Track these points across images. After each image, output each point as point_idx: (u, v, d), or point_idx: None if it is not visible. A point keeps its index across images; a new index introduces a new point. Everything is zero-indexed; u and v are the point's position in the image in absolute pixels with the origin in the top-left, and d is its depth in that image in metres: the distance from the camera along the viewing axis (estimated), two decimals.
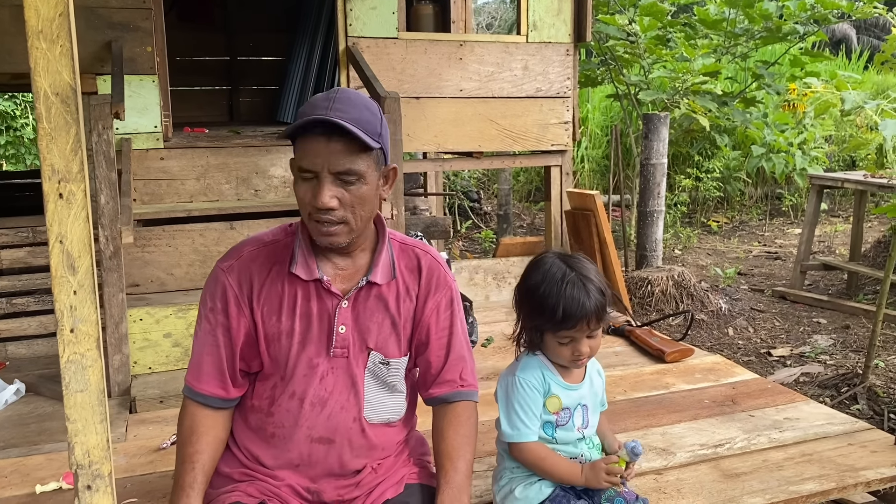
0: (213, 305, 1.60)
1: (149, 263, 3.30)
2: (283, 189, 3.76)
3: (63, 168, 1.32)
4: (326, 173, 1.46)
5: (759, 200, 8.63)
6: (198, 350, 1.63)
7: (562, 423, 1.77)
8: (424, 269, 1.68)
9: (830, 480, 2.11)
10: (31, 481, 2.19)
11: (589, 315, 1.65)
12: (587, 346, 1.71)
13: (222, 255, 1.66)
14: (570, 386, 1.78)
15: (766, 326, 4.79)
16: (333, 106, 1.46)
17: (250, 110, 6.41)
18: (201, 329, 1.63)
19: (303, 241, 1.59)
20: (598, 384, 1.85)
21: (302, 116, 1.48)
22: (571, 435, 1.78)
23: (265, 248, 1.62)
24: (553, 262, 1.72)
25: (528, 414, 1.73)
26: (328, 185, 1.47)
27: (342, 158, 1.46)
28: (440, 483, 1.60)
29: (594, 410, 1.84)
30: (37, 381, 2.98)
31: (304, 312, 1.59)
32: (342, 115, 1.45)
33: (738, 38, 6.70)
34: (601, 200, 4.19)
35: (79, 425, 1.38)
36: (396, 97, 3.15)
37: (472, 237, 7.68)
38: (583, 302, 1.65)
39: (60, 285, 1.35)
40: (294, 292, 1.58)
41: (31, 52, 1.28)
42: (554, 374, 1.78)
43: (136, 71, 3.42)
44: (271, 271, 1.59)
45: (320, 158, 1.46)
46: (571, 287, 1.66)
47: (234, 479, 1.64)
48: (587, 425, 1.81)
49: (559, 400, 1.76)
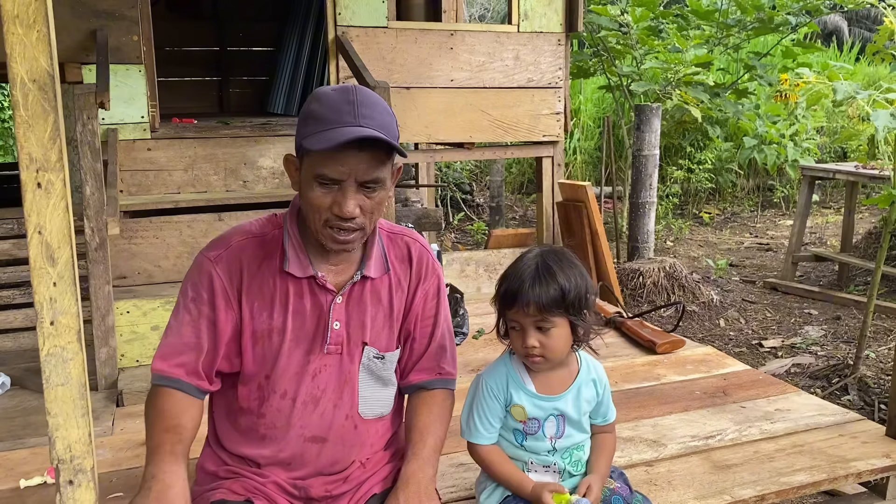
0: (196, 296, 1.52)
1: (136, 255, 3.27)
2: (271, 180, 3.73)
3: (41, 157, 1.29)
4: (352, 182, 1.41)
5: (750, 192, 8.63)
6: (174, 339, 1.53)
7: (530, 433, 1.69)
8: (415, 258, 1.66)
9: (822, 472, 2.10)
10: (16, 476, 2.16)
11: (526, 298, 1.54)
12: (534, 339, 1.58)
13: (206, 244, 1.60)
14: (540, 396, 1.67)
15: (757, 317, 4.79)
16: (360, 112, 1.40)
17: (240, 101, 6.36)
18: (179, 318, 1.53)
19: (292, 236, 1.54)
20: (589, 397, 1.71)
21: (323, 120, 1.40)
22: (542, 445, 1.69)
23: (254, 239, 1.55)
24: (533, 251, 1.65)
25: (483, 419, 1.68)
26: (353, 194, 1.42)
27: (371, 168, 1.41)
28: (408, 455, 1.60)
29: (577, 424, 1.71)
30: (22, 374, 2.95)
31: (298, 309, 1.54)
32: (370, 121, 1.39)
33: (731, 29, 6.69)
34: (593, 192, 4.17)
35: (60, 419, 1.35)
36: (386, 87, 3.12)
37: (465, 229, 7.66)
38: (525, 283, 1.55)
39: (40, 277, 1.31)
40: (286, 288, 1.54)
41: (7, 37, 1.25)
42: (522, 381, 1.68)
43: (122, 60, 3.37)
44: (261, 265, 1.53)
45: (347, 168, 1.40)
46: (525, 270, 1.58)
47: (220, 477, 1.61)
48: (561, 436, 1.70)
49: (523, 409, 1.67)
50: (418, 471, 1.57)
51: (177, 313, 1.54)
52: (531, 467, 1.72)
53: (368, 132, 1.37)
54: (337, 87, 1.48)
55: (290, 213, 1.57)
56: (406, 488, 1.54)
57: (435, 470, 1.61)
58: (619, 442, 2.28)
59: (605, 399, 1.75)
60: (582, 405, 1.70)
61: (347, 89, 1.46)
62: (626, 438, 2.33)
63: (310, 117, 1.43)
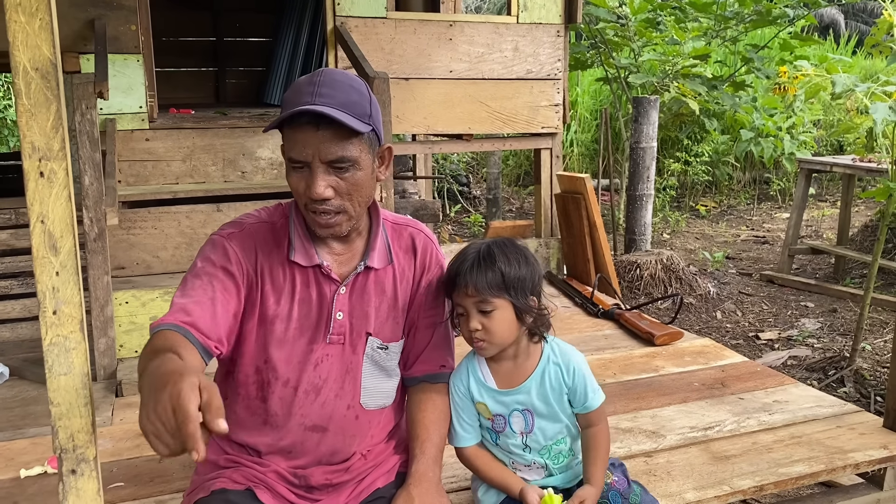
0: (205, 265, 1.46)
1: (134, 246, 3.26)
2: (270, 171, 3.72)
3: (44, 146, 1.28)
4: (318, 163, 1.40)
5: (747, 185, 8.65)
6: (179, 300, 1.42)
7: (499, 430, 1.68)
8: (419, 249, 1.66)
9: (819, 462, 2.11)
10: (16, 465, 2.16)
11: (465, 280, 1.54)
12: (476, 322, 1.56)
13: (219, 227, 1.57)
14: (500, 391, 1.66)
15: (754, 310, 4.80)
16: (318, 91, 1.39)
17: (237, 92, 6.34)
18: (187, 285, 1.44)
19: (297, 225, 1.54)
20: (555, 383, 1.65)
21: (287, 103, 1.41)
22: (513, 442, 1.67)
23: (264, 224, 1.56)
24: (481, 241, 1.64)
25: (461, 420, 1.68)
26: (321, 175, 1.41)
27: (332, 146, 1.40)
28: (416, 452, 1.60)
29: (548, 415, 1.66)
30: (21, 364, 2.94)
31: (304, 298, 1.54)
32: (328, 100, 1.38)
33: (729, 22, 6.68)
34: (591, 183, 4.17)
35: (63, 409, 1.35)
36: (385, 77, 3.11)
37: (461, 221, 7.66)
38: (465, 266, 1.55)
39: (42, 266, 1.31)
40: (293, 276, 1.54)
41: (10, 25, 1.24)
42: (483, 377, 1.67)
43: (120, 50, 3.35)
44: (272, 251, 1.53)
45: (310, 148, 1.39)
46: (468, 255, 1.58)
47: (220, 466, 1.61)
48: (531, 430, 1.66)
49: (486, 407, 1.67)
50: (428, 469, 1.57)
51: (183, 284, 1.47)
52: (515, 465, 1.71)
53: (313, 108, 1.36)
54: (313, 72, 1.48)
55: (295, 202, 1.57)
56: (419, 485, 1.55)
57: (440, 469, 1.62)
58: (619, 433, 2.29)
59: (578, 384, 1.65)
60: (548, 393, 1.64)
61: (316, 72, 1.46)
62: (625, 429, 2.34)
63: (283, 103, 1.45)
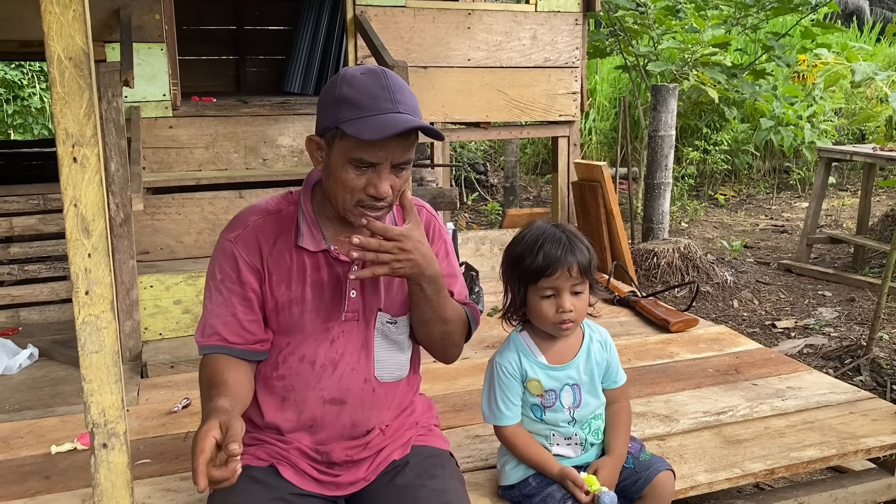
0: (224, 277, 1.59)
1: (158, 231, 3.33)
2: (290, 158, 3.77)
3: (77, 132, 1.33)
4: (388, 164, 1.47)
5: (767, 174, 8.59)
6: (210, 318, 1.60)
7: (548, 406, 1.74)
8: (423, 223, 1.71)
9: (831, 447, 2.14)
10: (46, 442, 2.24)
11: (570, 262, 1.63)
12: (570, 303, 1.65)
13: (225, 226, 1.66)
14: (552, 367, 1.74)
15: (771, 299, 4.80)
16: (395, 98, 1.45)
17: (257, 80, 6.39)
18: (213, 300, 1.60)
19: (306, 212, 1.61)
20: (599, 358, 1.77)
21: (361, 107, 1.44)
22: (561, 416, 1.75)
23: (270, 217, 1.62)
24: (540, 223, 1.73)
25: (505, 401, 1.74)
26: (387, 175, 1.48)
27: (406, 152, 1.48)
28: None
29: (591, 390, 1.77)
30: (49, 345, 3.03)
31: (316, 280, 1.61)
32: (405, 107, 1.46)
33: (749, 9, 6.63)
34: (608, 172, 4.18)
35: (94, 385, 1.41)
36: (404, 66, 3.15)
37: (479, 209, 7.68)
38: (565, 249, 1.64)
39: (75, 248, 1.36)
40: (302, 262, 1.60)
41: (45, 16, 1.29)
42: (534, 355, 1.75)
43: (144, 39, 3.41)
44: (277, 241, 1.60)
45: (386, 152, 1.45)
46: (554, 237, 1.66)
47: (245, 444, 1.66)
48: (579, 405, 1.75)
49: (539, 383, 1.73)
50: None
51: (209, 295, 1.61)
52: (553, 440, 1.77)
53: (413, 121, 1.44)
54: (364, 69, 1.52)
55: (304, 190, 1.64)
56: None
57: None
58: (632, 417, 2.32)
59: (613, 360, 1.80)
60: (593, 368, 1.76)
61: (377, 73, 1.50)
62: (639, 413, 2.37)
63: (343, 102, 1.46)
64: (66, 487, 1.99)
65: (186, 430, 2.31)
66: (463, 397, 2.53)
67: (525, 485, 1.77)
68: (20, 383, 2.74)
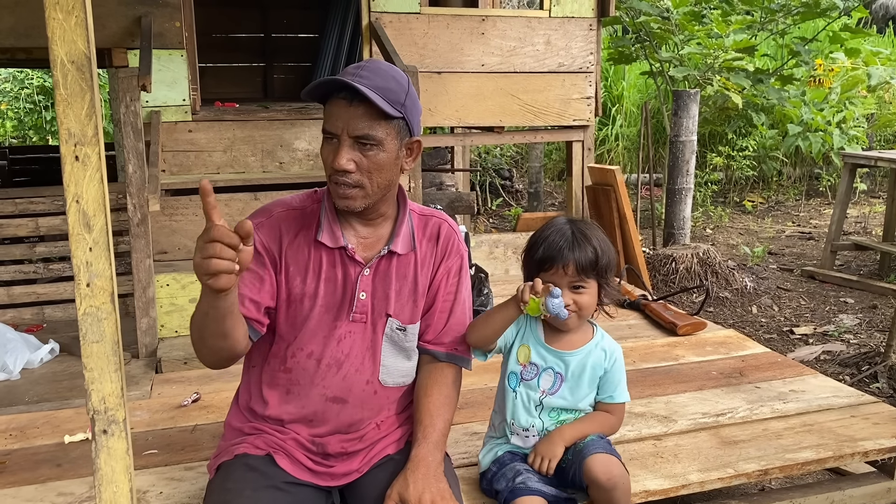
0: None
1: (176, 231, 3.43)
2: (306, 162, 3.85)
3: (79, 132, 1.40)
4: (346, 136, 1.53)
5: (797, 180, 8.47)
6: None
7: (526, 378, 1.77)
8: (442, 237, 1.75)
9: (828, 449, 2.12)
10: (61, 432, 2.32)
11: (567, 259, 1.66)
12: (569, 299, 1.68)
13: (250, 213, 1.69)
14: (547, 347, 1.77)
15: (791, 305, 4.75)
16: (360, 73, 1.53)
17: (284, 87, 6.51)
18: None
19: (328, 208, 1.66)
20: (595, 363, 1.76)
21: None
22: (532, 395, 1.77)
23: (294, 211, 1.68)
24: (560, 219, 1.76)
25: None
26: (346, 148, 1.54)
27: (361, 123, 1.52)
28: (418, 437, 1.66)
29: (573, 389, 1.77)
30: (71, 341, 3.13)
31: (329, 277, 1.65)
32: (366, 81, 1.51)
33: (775, 14, 6.58)
34: (621, 176, 4.19)
35: (95, 374, 1.47)
36: (414, 70, 3.21)
37: (502, 214, 7.71)
38: (563, 245, 1.67)
39: (77, 242, 1.42)
40: (319, 257, 1.65)
41: (49, 22, 1.36)
42: (536, 328, 1.79)
43: (164, 45, 3.53)
44: (298, 235, 1.65)
45: (341, 121, 1.53)
46: (560, 233, 1.70)
47: (244, 433, 1.72)
48: (554, 394, 1.77)
49: (528, 351, 1.77)
50: (428, 454, 1.63)
51: None
52: (513, 429, 1.80)
53: (343, 80, 1.50)
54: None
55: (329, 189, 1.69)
56: (416, 471, 1.60)
57: (443, 454, 1.68)
58: (631, 417, 2.33)
59: (613, 374, 1.79)
60: (585, 371, 1.76)
61: (366, 60, 1.60)
62: (638, 414, 2.38)
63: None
64: (77, 475, 2.07)
65: (194, 423, 2.38)
66: (464, 395, 2.53)
67: (489, 472, 1.81)
68: (41, 377, 2.85)
